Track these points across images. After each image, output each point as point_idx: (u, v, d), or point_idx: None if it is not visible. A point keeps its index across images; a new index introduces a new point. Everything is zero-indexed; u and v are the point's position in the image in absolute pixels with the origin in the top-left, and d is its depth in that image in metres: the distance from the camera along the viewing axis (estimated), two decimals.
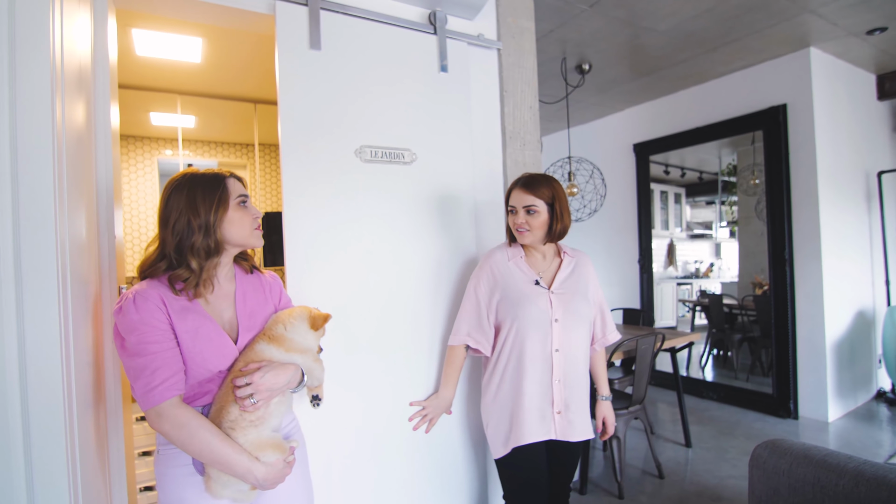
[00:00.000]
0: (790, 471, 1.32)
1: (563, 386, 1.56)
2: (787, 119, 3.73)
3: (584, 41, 3.34)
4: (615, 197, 5.07)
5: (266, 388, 1.10)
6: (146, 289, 1.09)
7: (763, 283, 4.61)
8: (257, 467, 1.08)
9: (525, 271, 1.61)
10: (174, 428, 1.04)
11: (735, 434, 3.50)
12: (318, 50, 1.70)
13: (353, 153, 1.75)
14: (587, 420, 1.63)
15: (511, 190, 1.61)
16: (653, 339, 2.79)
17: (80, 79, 1.19)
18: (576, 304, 1.59)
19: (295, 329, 1.22)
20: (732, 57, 3.69)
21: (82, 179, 1.18)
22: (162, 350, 1.05)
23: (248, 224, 1.19)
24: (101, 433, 1.32)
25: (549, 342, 1.55)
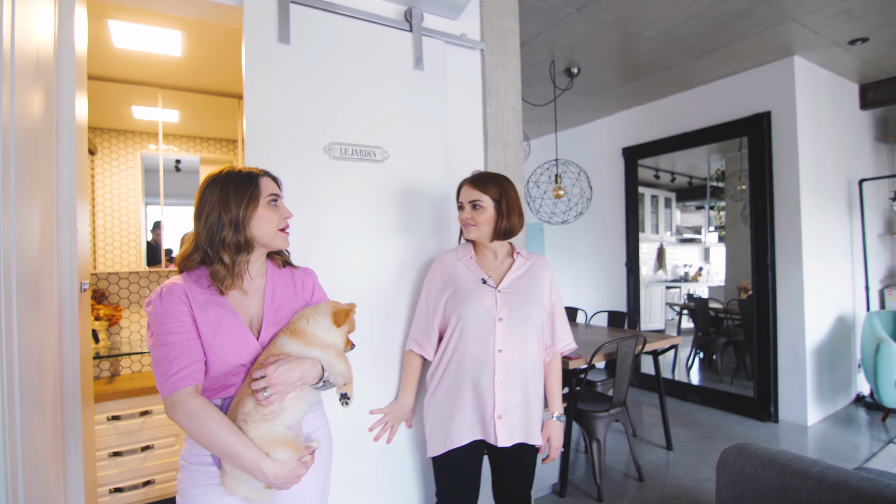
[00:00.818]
0: (756, 475, 1.31)
1: (505, 389, 1.50)
2: (771, 126, 3.76)
3: (572, 44, 3.33)
4: (604, 200, 5.08)
5: (279, 382, 1.09)
6: (173, 283, 1.13)
7: (748, 287, 4.63)
8: (266, 463, 1.07)
9: (473, 271, 1.60)
10: (185, 417, 1.05)
11: (716, 437, 3.51)
12: (287, 44, 1.65)
13: (322, 150, 1.70)
14: (531, 424, 1.55)
15: (460, 186, 1.62)
16: (633, 341, 2.79)
17: (38, 68, 1.15)
18: (524, 305, 1.54)
19: (317, 324, 1.21)
20: (719, 63, 3.71)
21: (37, 173, 1.15)
22: (181, 341, 1.08)
23: (274, 223, 1.20)
24: (56, 433, 1.29)
25: (491, 342, 1.50)
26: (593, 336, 3.48)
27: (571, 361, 2.71)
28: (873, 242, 4.37)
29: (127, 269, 2.96)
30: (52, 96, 1.31)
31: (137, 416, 2.46)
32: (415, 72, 1.93)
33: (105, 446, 2.37)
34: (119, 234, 3.16)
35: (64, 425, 1.35)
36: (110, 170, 3.22)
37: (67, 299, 1.37)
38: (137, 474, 2.45)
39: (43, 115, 1.21)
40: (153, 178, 3.21)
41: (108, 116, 3.06)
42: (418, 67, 1.93)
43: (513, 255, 1.65)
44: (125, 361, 2.81)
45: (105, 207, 3.11)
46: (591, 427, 2.73)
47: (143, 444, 2.47)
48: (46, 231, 1.24)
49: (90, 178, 3.01)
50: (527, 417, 1.54)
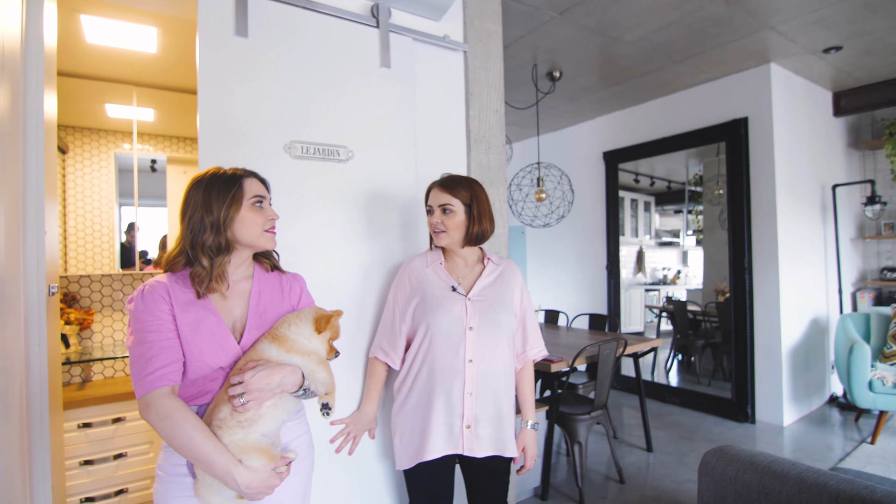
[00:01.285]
0: (737, 478, 1.32)
1: (475, 399, 1.46)
2: (748, 132, 3.84)
3: (555, 48, 3.35)
4: (585, 204, 5.12)
5: (256, 388, 1.06)
6: (157, 281, 1.12)
7: (725, 290, 4.71)
8: (239, 471, 1.03)
9: (442, 277, 1.54)
10: (159, 418, 1.02)
11: (695, 439, 3.56)
12: (245, 38, 1.57)
13: (283, 148, 1.62)
14: (503, 435, 1.50)
15: (429, 190, 1.56)
16: (614, 344, 2.81)
17: (2, 62, 1.11)
18: (494, 313, 1.50)
19: (298, 330, 1.18)
20: (698, 69, 3.77)
21: (2, 171, 1.10)
22: (159, 340, 1.05)
23: (259, 225, 1.17)
24: (22, 442, 1.24)
25: (462, 351, 1.45)
26: (574, 339, 3.50)
27: (553, 364, 2.71)
28: (846, 246, 4.49)
29: (99, 271, 2.88)
30: (18, 92, 1.26)
31: (110, 423, 2.38)
32: (381, 69, 1.86)
33: (76, 454, 2.29)
34: (91, 235, 3.06)
35: (30, 433, 1.29)
36: (82, 169, 3.13)
37: (34, 303, 1.32)
38: (110, 483, 2.37)
39: (9, 112, 1.16)
40: (127, 179, 3.12)
41: (80, 114, 2.97)
42: (385, 65, 1.87)
43: (483, 261, 1.61)
44: (97, 367, 2.72)
45: (77, 208, 3.02)
46: (573, 430, 2.74)
47: (116, 452, 2.39)
48: (12, 232, 1.19)
49: (61, 178, 2.91)
50: (499, 429, 1.49)
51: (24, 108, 1.30)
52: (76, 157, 3.10)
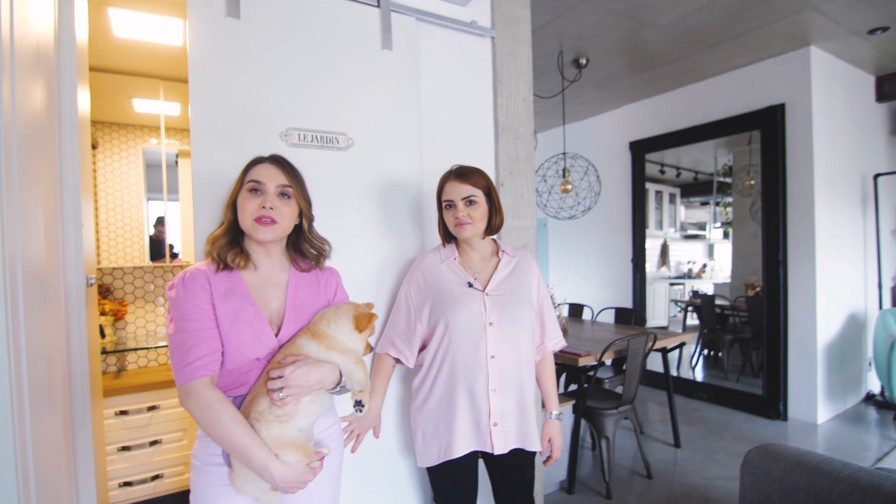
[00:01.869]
0: (783, 477, 1.27)
1: (500, 396, 1.43)
2: (784, 119, 3.70)
3: (582, 34, 3.27)
4: (610, 195, 5.03)
5: (296, 384, 1.06)
6: (197, 269, 1.12)
7: (756, 284, 4.58)
8: (275, 465, 1.04)
9: (458, 273, 1.50)
10: (199, 408, 1.02)
11: (724, 435, 3.48)
12: (237, 18, 1.49)
13: (279, 136, 1.55)
14: (527, 429, 1.48)
15: (444, 183, 1.50)
16: (644, 338, 2.75)
17: (38, 59, 1.11)
18: (513, 308, 1.46)
19: (338, 327, 1.17)
20: (732, 54, 3.64)
21: (40, 167, 1.11)
22: (199, 329, 1.05)
23: (248, 212, 1.14)
24: (67, 429, 1.26)
25: (483, 348, 1.42)
26: (601, 333, 3.44)
27: (581, 358, 2.67)
28: (887, 239, 4.31)
29: (131, 264, 2.93)
30: (53, 89, 1.27)
31: (145, 411, 2.43)
32: (382, 52, 1.77)
33: (114, 441, 2.35)
34: (122, 229, 3.12)
35: (73, 420, 1.32)
36: (112, 164, 3.18)
37: (74, 294, 1.34)
38: (146, 468, 2.43)
39: (45, 108, 1.17)
40: (154, 173, 3.17)
41: (109, 110, 3.02)
42: (386, 47, 1.77)
43: (498, 253, 1.56)
44: (131, 356, 2.78)
45: (108, 202, 3.07)
46: (601, 424, 2.70)
47: (152, 439, 2.44)
48: (50, 225, 1.20)
49: (92, 173, 2.97)
50: (523, 422, 1.48)
51: (58, 103, 1.31)
52: (106, 153, 3.15)
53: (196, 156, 1.41)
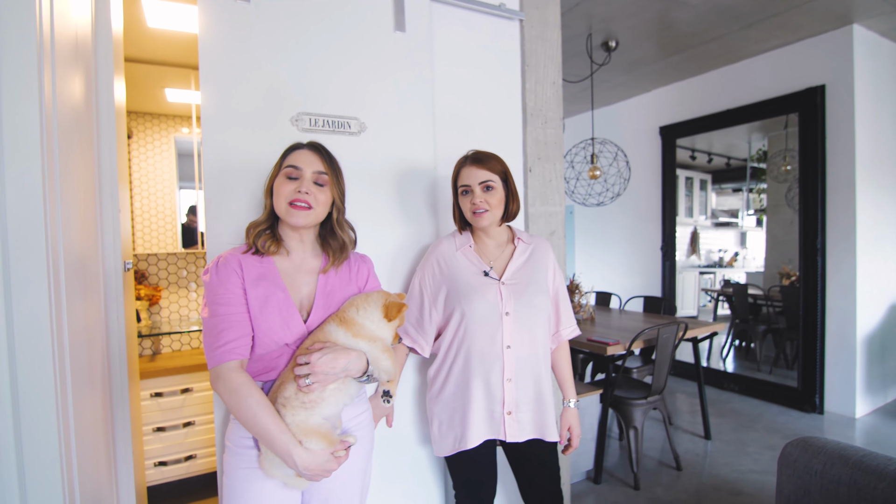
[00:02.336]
0: (823, 471, 1.23)
1: (515, 385, 1.42)
2: (825, 101, 3.54)
3: (611, 16, 3.18)
4: (639, 182, 4.92)
5: (321, 370, 1.06)
6: (230, 254, 1.14)
7: (791, 273, 4.44)
8: (298, 451, 1.04)
9: (473, 262, 1.48)
10: (227, 391, 1.05)
11: (756, 427, 3.40)
12: (247, 2, 1.47)
13: (290, 121, 1.53)
14: (544, 420, 1.45)
15: (459, 169, 1.46)
16: (674, 328, 2.69)
17: (77, 51, 1.13)
18: (530, 297, 1.44)
19: (367, 315, 1.16)
20: (769, 34, 3.49)
21: (80, 156, 1.13)
22: (230, 313, 1.08)
23: (283, 196, 1.15)
24: (106, 409, 1.30)
25: (499, 338, 1.40)
26: (629, 322, 3.39)
27: (609, 347, 2.64)
28: None
29: (164, 250, 3.01)
30: (91, 80, 1.29)
31: (179, 394, 2.51)
32: (395, 33, 1.72)
33: (149, 422, 2.43)
34: (156, 216, 3.20)
35: (112, 401, 1.37)
36: (146, 153, 3.26)
37: (112, 278, 1.38)
38: (180, 449, 2.51)
39: (83, 99, 1.19)
40: (185, 162, 3.23)
41: (142, 100, 3.08)
42: (399, 28, 1.72)
43: (513, 240, 1.53)
44: (166, 340, 2.86)
45: (142, 191, 3.16)
46: (629, 414, 2.67)
47: (185, 421, 2.52)
48: (90, 212, 1.24)
49: (128, 162, 3.04)
50: (539, 412, 1.45)
51: (96, 94, 1.34)
52: (140, 142, 3.22)
53: (207, 142, 1.41)
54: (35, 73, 0.84)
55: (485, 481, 1.51)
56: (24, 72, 0.83)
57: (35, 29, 0.84)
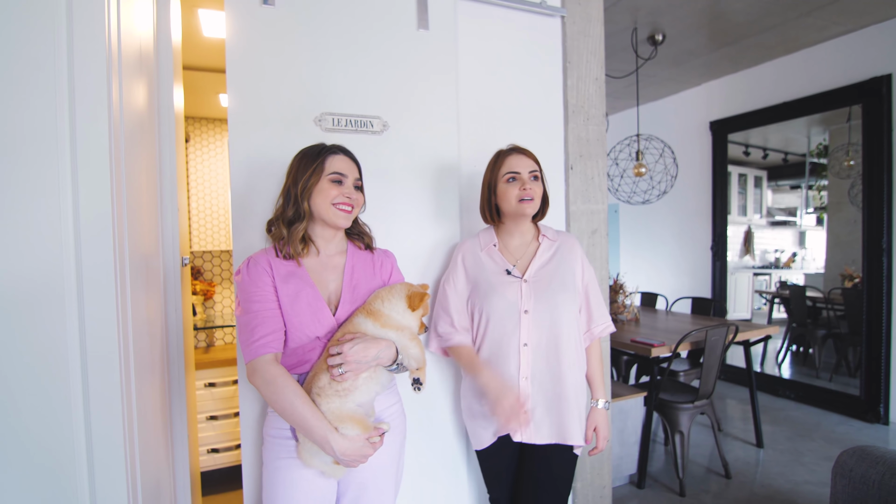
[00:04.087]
0: (882, 482, 1.17)
1: (531, 384, 1.40)
2: (891, 91, 3.31)
3: (658, 9, 3.09)
4: (687, 179, 4.75)
5: (353, 360, 1.11)
6: (258, 254, 1.21)
7: (854, 275, 4.17)
8: (335, 437, 1.09)
9: (497, 261, 1.48)
10: (264, 383, 1.10)
11: (814, 437, 3.22)
12: (272, 6, 1.51)
13: (313, 121, 1.55)
14: (563, 422, 1.40)
15: (505, 157, 1.45)
16: (724, 330, 2.60)
17: (141, 60, 1.22)
18: (551, 294, 1.41)
19: (392, 305, 1.22)
20: (829, 21, 3.30)
21: (143, 159, 1.22)
22: (263, 309, 1.13)
23: (329, 199, 1.20)
24: (164, 397, 1.39)
25: (516, 336, 1.40)
26: (676, 323, 3.28)
27: (654, 349, 2.57)
28: None
29: (218, 248, 3.16)
30: (153, 87, 1.38)
31: (231, 384, 2.63)
32: (419, 32, 1.71)
33: (203, 410, 2.57)
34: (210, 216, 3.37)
35: (170, 390, 1.46)
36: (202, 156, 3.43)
37: (171, 274, 1.47)
38: (232, 437, 2.63)
39: (146, 106, 1.28)
40: None
41: (199, 105, 3.24)
42: (422, 27, 1.71)
43: (538, 237, 1.52)
44: (219, 333, 3.01)
45: (198, 192, 3.33)
46: (675, 419, 2.59)
47: (236, 410, 2.64)
48: (152, 210, 1.33)
49: (185, 164, 3.22)
50: (559, 415, 1.40)
51: (157, 101, 1.43)
52: (197, 145, 3.40)
53: (233, 143, 1.46)
54: (105, 83, 0.91)
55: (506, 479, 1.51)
56: (95, 82, 0.90)
57: (104, 43, 0.92)
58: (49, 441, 0.88)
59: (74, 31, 0.88)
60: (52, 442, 0.88)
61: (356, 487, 1.24)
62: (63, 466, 0.89)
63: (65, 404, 0.88)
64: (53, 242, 0.86)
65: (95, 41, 0.91)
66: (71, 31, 0.88)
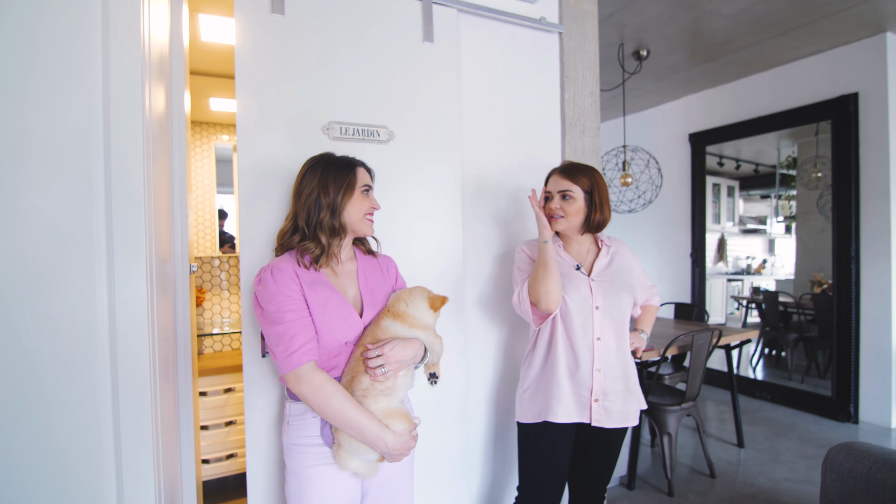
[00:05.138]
0: (869, 475, 1.25)
1: (604, 375, 1.53)
2: (858, 109, 3.51)
3: (644, 25, 3.21)
4: (668, 188, 4.91)
5: (395, 360, 1.16)
6: (281, 262, 1.19)
7: (823, 281, 4.38)
8: (387, 434, 1.13)
9: (564, 257, 1.60)
10: (311, 390, 1.11)
11: (790, 436, 3.36)
12: (282, 15, 1.53)
13: (321, 130, 1.58)
14: (629, 408, 1.56)
15: (549, 176, 1.61)
16: (709, 335, 2.70)
17: (161, 66, 1.23)
18: (616, 293, 1.55)
19: (416, 307, 1.28)
20: (802, 42, 3.48)
21: (162, 163, 1.23)
22: (297, 318, 1.14)
23: (363, 211, 1.26)
24: (175, 404, 1.39)
25: (590, 330, 1.52)
26: (660, 328, 3.39)
27: (644, 353, 2.65)
28: None
29: (205, 254, 3.12)
30: (168, 93, 1.39)
31: (222, 393, 2.60)
32: (424, 44, 1.77)
33: None
34: (198, 221, 3.33)
35: (179, 396, 1.45)
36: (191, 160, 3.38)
37: (180, 280, 1.47)
38: (223, 447, 2.59)
39: (164, 111, 1.29)
40: (224, 168, 3.35)
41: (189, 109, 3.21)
42: (428, 39, 1.78)
43: (597, 243, 1.65)
44: (207, 341, 2.97)
45: None
46: (662, 421, 2.68)
47: (227, 420, 2.61)
48: (165, 217, 1.33)
49: None
50: (626, 403, 1.56)
51: (171, 105, 1.44)
52: None
53: (242, 150, 1.47)
54: (140, 91, 0.93)
55: (556, 461, 1.57)
56: (132, 89, 0.92)
57: (141, 50, 0.93)
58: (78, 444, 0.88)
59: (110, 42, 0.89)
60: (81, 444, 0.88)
61: (379, 485, 1.27)
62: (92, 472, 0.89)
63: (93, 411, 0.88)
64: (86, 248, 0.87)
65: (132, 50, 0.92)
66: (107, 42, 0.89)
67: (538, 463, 1.58)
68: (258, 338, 1.47)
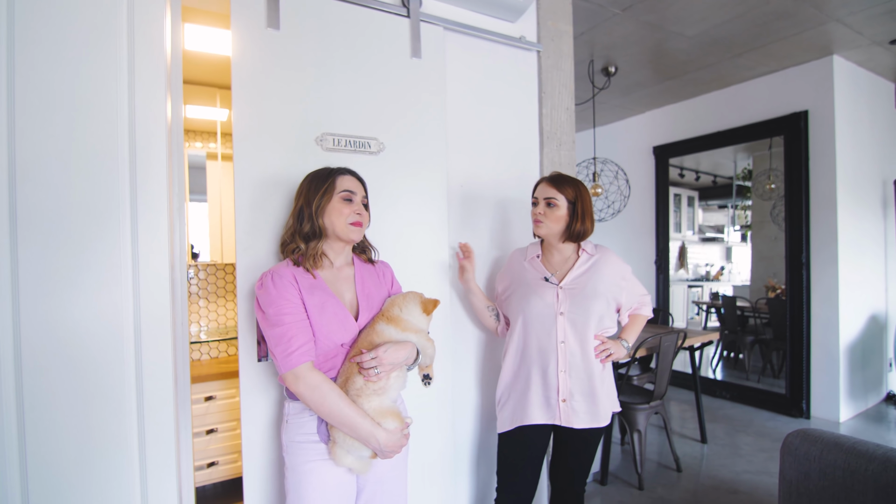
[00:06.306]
0: (821, 457, 1.40)
1: (569, 376, 1.62)
2: (808, 125, 3.79)
3: (613, 44, 3.40)
4: (633, 198, 5.13)
5: (388, 362, 1.23)
6: (281, 268, 1.27)
7: (776, 286, 4.66)
8: (379, 432, 1.20)
9: (537, 269, 1.72)
10: (308, 389, 1.17)
11: (749, 432, 3.58)
12: (277, 30, 1.59)
13: (314, 141, 1.65)
14: (597, 409, 1.63)
15: (538, 183, 1.72)
16: (675, 336, 2.87)
17: (169, 79, 1.27)
18: (585, 300, 1.62)
19: (409, 311, 1.35)
20: (757, 62, 3.75)
21: (171, 171, 1.27)
22: (296, 321, 1.20)
23: (344, 216, 1.30)
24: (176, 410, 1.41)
25: (554, 334, 1.62)
26: None
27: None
28: None
29: None
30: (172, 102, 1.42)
31: (202, 401, 2.58)
32: (412, 60, 1.86)
33: None
34: None
35: (178, 402, 1.47)
36: None
37: (179, 287, 1.49)
38: (203, 455, 2.58)
39: (171, 119, 1.33)
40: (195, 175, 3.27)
41: None
42: (416, 55, 1.87)
43: (578, 252, 1.73)
44: None
45: None
46: (633, 419, 2.82)
47: (208, 428, 2.59)
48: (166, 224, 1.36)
49: None
50: (592, 404, 1.64)
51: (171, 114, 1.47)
52: None
53: (238, 160, 1.52)
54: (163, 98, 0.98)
55: (532, 460, 1.68)
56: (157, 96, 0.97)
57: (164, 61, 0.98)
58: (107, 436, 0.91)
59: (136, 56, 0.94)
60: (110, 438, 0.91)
61: (374, 481, 1.33)
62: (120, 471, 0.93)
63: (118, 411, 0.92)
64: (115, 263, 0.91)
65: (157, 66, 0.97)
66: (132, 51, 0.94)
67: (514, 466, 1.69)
68: (255, 343, 1.51)
